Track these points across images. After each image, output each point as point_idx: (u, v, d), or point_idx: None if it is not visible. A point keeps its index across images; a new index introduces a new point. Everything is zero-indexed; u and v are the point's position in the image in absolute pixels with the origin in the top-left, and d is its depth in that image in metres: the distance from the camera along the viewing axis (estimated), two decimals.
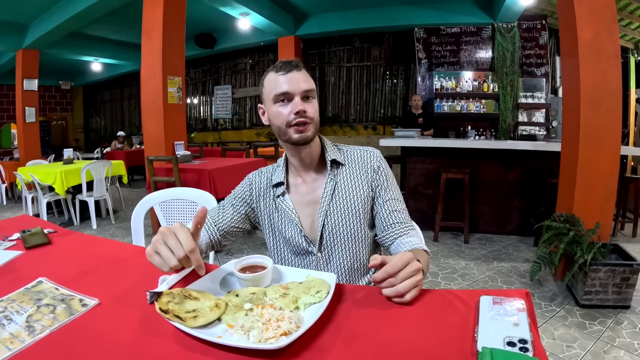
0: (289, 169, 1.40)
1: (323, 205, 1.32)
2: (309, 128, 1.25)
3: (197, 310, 0.82)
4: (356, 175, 1.35)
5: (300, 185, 1.37)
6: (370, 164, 1.36)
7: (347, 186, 1.34)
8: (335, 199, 1.32)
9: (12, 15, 7.66)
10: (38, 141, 9.17)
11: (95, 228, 5.57)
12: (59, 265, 1.25)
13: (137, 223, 1.96)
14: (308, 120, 1.25)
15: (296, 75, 1.24)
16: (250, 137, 10.74)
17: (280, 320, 0.76)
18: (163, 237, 0.92)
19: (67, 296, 0.98)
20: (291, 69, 1.24)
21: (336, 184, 1.34)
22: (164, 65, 4.99)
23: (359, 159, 1.38)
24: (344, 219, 1.31)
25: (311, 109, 1.26)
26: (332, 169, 1.35)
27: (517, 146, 4.63)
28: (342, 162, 1.36)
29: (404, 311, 0.87)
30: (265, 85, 1.29)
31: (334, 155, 1.36)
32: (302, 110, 1.23)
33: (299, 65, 1.27)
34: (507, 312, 0.79)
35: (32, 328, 0.83)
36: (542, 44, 7.35)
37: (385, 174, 1.36)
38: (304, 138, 1.25)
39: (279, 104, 1.25)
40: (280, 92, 1.23)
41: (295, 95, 1.23)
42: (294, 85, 1.23)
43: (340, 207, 1.31)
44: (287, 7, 8.15)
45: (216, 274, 1.06)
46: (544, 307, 3.01)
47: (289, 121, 1.24)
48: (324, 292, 0.88)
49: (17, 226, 1.65)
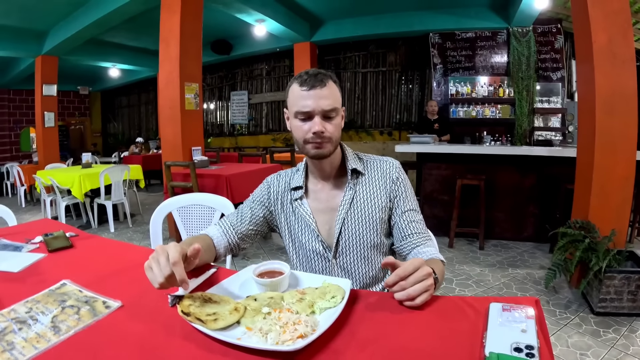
0: (309, 175, 1.42)
1: (341, 213, 1.34)
2: (325, 146, 1.26)
3: (217, 314, 0.85)
4: (375, 185, 1.37)
5: (319, 192, 1.39)
6: (390, 175, 1.38)
7: (366, 195, 1.35)
8: (353, 207, 1.34)
9: (31, 23, 7.85)
10: (57, 145, 9.36)
11: (112, 231, 5.66)
12: (82, 268, 1.30)
13: (155, 227, 2.00)
14: (326, 139, 1.25)
15: (319, 92, 1.22)
16: (266, 143, 10.81)
17: (297, 324, 0.79)
18: (156, 255, 0.95)
19: (91, 298, 1.02)
20: (315, 85, 1.23)
21: (355, 193, 1.35)
22: (181, 72, 5.07)
23: (378, 169, 1.39)
24: (361, 228, 1.33)
25: (331, 127, 1.26)
26: (352, 177, 1.36)
27: (533, 152, 4.60)
28: (362, 172, 1.38)
29: (416, 316, 0.89)
30: (289, 96, 1.30)
31: (355, 165, 1.37)
32: (320, 131, 1.23)
33: (324, 80, 1.24)
34: (515, 319, 0.81)
35: (58, 328, 0.86)
36: (558, 48, 7.28)
37: (404, 185, 1.38)
38: (319, 154, 1.28)
39: (299, 120, 1.26)
40: (301, 110, 1.24)
41: (315, 114, 1.23)
42: (314, 105, 1.22)
43: (358, 216, 1.33)
44: (303, 13, 8.21)
45: (235, 278, 1.10)
46: (558, 314, 2.98)
47: (307, 139, 1.26)
48: (339, 297, 0.91)
49: (39, 229, 1.71)
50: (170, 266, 0.91)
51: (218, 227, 1.40)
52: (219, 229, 1.38)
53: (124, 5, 6.15)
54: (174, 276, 0.91)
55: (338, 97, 1.29)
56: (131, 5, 6.17)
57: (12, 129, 12.96)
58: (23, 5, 6.89)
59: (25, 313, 0.93)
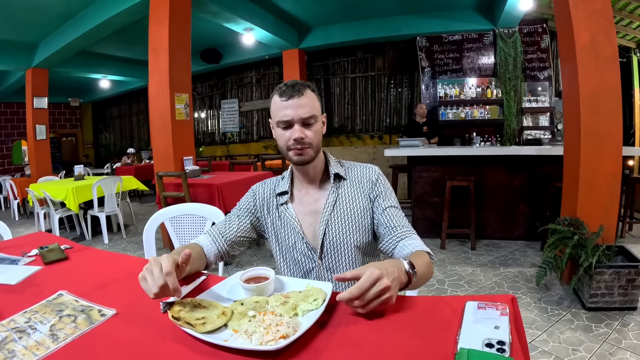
0: (294, 181, 1.50)
1: (324, 215, 1.40)
2: (307, 152, 1.34)
3: (206, 318, 0.90)
4: (357, 189, 1.44)
5: (304, 196, 1.46)
6: (369, 178, 1.45)
7: (348, 198, 1.42)
8: (336, 209, 1.41)
9: (21, 36, 7.86)
10: (49, 158, 9.34)
11: (107, 243, 5.67)
12: (77, 279, 1.33)
13: (149, 238, 2.04)
14: (306, 145, 1.33)
15: (297, 101, 1.31)
16: (258, 150, 10.84)
17: (279, 325, 0.84)
18: (150, 266, 0.99)
19: (87, 307, 1.06)
20: (293, 95, 1.31)
21: (338, 196, 1.42)
22: (170, 82, 5.10)
23: (359, 174, 1.47)
24: (344, 229, 1.39)
25: (311, 133, 1.34)
26: (334, 181, 1.44)
27: (521, 151, 4.67)
28: (344, 177, 1.46)
29: (394, 316, 0.93)
30: (272, 107, 1.38)
31: (337, 170, 1.45)
32: (300, 138, 1.31)
33: (301, 90, 1.32)
34: (490, 316, 0.84)
35: (56, 336, 0.90)
36: (544, 47, 7.40)
37: (383, 185, 1.45)
38: (301, 160, 1.35)
39: (280, 129, 1.35)
40: (281, 120, 1.32)
41: (294, 122, 1.32)
42: (293, 113, 1.31)
43: (341, 218, 1.40)
44: (290, 20, 8.28)
45: (223, 284, 1.15)
46: (550, 311, 3.02)
47: (288, 145, 1.34)
48: (320, 300, 0.96)
49: (34, 243, 1.74)
50: (164, 277, 0.95)
51: (207, 235, 1.45)
52: (208, 238, 1.44)
53: (113, 17, 6.19)
54: (168, 286, 0.95)
55: (317, 105, 1.37)
56: (120, 17, 6.20)
57: (4, 142, 12.92)
58: (13, 18, 6.91)
59: (24, 323, 0.97)
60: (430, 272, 1.24)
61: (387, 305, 0.95)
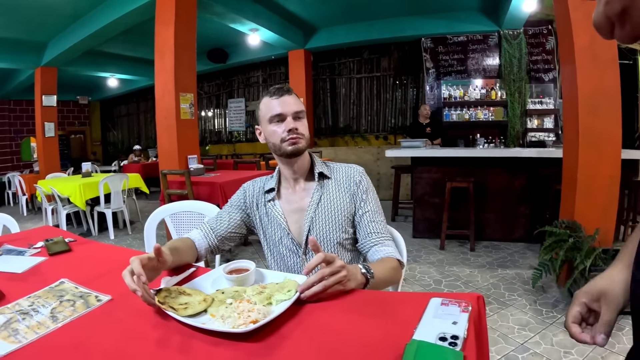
0: (282, 180, 1.58)
1: (309, 212, 1.48)
2: (300, 141, 1.44)
3: (188, 304, 1.00)
4: (340, 188, 1.52)
5: (290, 195, 1.54)
6: (353, 179, 1.53)
7: (331, 197, 1.50)
8: (320, 207, 1.48)
9: (31, 35, 8.00)
10: (57, 155, 9.49)
11: (112, 238, 5.76)
12: (79, 269, 1.41)
13: (149, 233, 2.12)
14: (299, 135, 1.44)
15: (287, 99, 1.44)
16: (264, 149, 10.86)
17: (251, 312, 0.92)
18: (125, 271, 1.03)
19: (85, 293, 1.15)
20: (283, 94, 1.44)
21: (322, 195, 1.50)
22: (176, 82, 5.19)
23: (344, 174, 1.55)
24: (327, 226, 1.47)
25: (302, 126, 1.46)
26: (319, 180, 1.52)
27: (522, 153, 4.68)
28: (328, 176, 1.54)
29: (359, 308, 1.01)
30: (261, 109, 1.48)
31: (322, 169, 1.54)
32: (294, 128, 1.42)
33: (290, 90, 1.47)
34: (450, 312, 0.89)
35: (55, 317, 1.00)
36: (549, 49, 7.38)
37: (365, 187, 1.53)
38: (296, 149, 1.44)
39: (274, 124, 1.45)
40: (275, 113, 1.43)
41: (287, 115, 1.43)
42: (286, 108, 1.43)
43: (325, 215, 1.48)
44: (296, 21, 8.35)
45: (209, 275, 1.24)
46: (545, 313, 3.04)
47: (283, 137, 1.43)
48: (293, 291, 1.04)
49: (41, 236, 1.84)
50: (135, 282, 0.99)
51: (199, 230, 1.54)
52: (200, 232, 1.53)
53: (121, 18, 6.30)
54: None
55: (302, 104, 1.50)
56: (127, 17, 6.31)
57: (13, 139, 13.05)
58: (23, 18, 7.04)
59: (28, 306, 1.06)
60: (394, 277, 1.35)
61: (343, 286, 1.07)
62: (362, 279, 1.16)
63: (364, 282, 1.17)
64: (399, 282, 1.43)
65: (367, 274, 1.18)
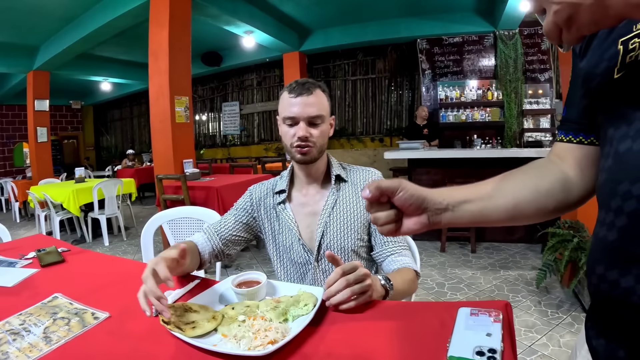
0: (294, 181, 1.48)
1: (323, 217, 1.39)
2: (310, 151, 1.33)
3: (196, 322, 0.90)
4: (357, 192, 1.43)
5: (303, 197, 1.45)
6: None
7: (348, 201, 1.41)
8: (335, 211, 1.39)
9: (22, 39, 7.91)
10: (50, 160, 9.39)
11: (107, 245, 5.67)
12: (73, 282, 1.33)
13: (146, 241, 2.04)
14: (310, 144, 1.32)
15: (305, 99, 1.30)
16: (259, 153, 10.85)
17: (268, 331, 0.84)
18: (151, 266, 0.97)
19: (81, 310, 1.06)
20: (302, 93, 1.31)
21: (338, 198, 1.41)
22: (171, 85, 5.12)
23: (361, 177, 1.46)
24: (342, 232, 1.38)
25: (316, 133, 1.33)
26: (335, 183, 1.42)
27: (521, 154, 4.65)
28: (345, 179, 1.44)
29: (384, 322, 0.93)
30: (280, 103, 1.38)
31: (339, 171, 1.44)
32: (305, 136, 1.30)
33: (311, 89, 1.32)
34: (482, 322, 0.83)
35: (49, 339, 0.91)
36: (545, 49, 7.36)
37: None
38: (303, 160, 1.34)
39: (286, 125, 1.35)
40: (287, 115, 1.32)
41: (300, 120, 1.31)
42: (300, 111, 1.30)
43: (340, 221, 1.38)
44: (291, 23, 8.30)
45: (216, 288, 1.14)
46: (550, 314, 3.00)
47: (292, 143, 1.33)
48: (310, 305, 0.96)
49: (33, 245, 1.75)
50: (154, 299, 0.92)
51: (203, 233, 1.45)
52: (203, 236, 1.44)
53: (114, 20, 6.24)
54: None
55: (325, 105, 1.36)
56: (120, 20, 6.24)
57: (6, 145, 12.96)
58: (14, 22, 6.95)
59: (19, 325, 0.97)
60: (411, 289, 1.26)
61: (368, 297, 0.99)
62: (382, 290, 1.09)
63: (383, 294, 1.10)
64: (411, 294, 1.35)
65: (386, 285, 1.11)
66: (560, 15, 0.51)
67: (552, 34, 0.54)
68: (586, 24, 0.51)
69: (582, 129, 0.76)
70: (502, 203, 0.76)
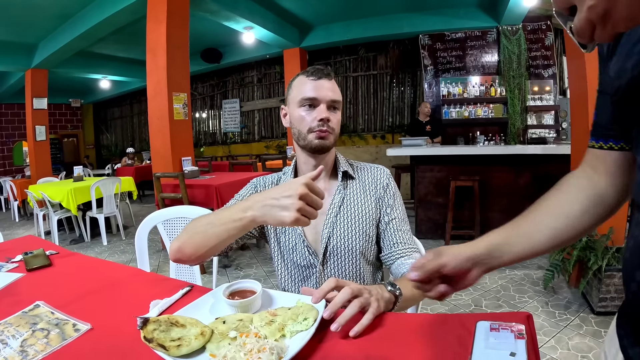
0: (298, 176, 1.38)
1: (330, 216, 1.30)
2: (329, 137, 1.26)
3: (182, 339, 0.80)
4: (365, 190, 1.35)
5: None
6: (380, 181, 1.36)
7: (355, 199, 1.33)
8: (342, 211, 1.31)
9: (20, 37, 7.84)
10: (49, 159, 9.33)
11: (105, 244, 5.61)
12: (57, 288, 1.26)
13: (141, 242, 1.97)
14: (330, 130, 1.26)
15: (326, 83, 1.25)
16: (259, 150, 10.78)
17: (262, 352, 0.74)
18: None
19: (62, 321, 0.99)
20: (322, 76, 1.25)
21: (345, 196, 1.33)
22: (169, 82, 5.04)
23: (369, 175, 1.38)
24: (349, 233, 1.29)
25: (335, 119, 1.28)
26: (342, 180, 1.35)
27: (527, 150, 4.58)
28: (353, 176, 1.36)
29: (394, 340, 0.83)
30: (293, 88, 1.30)
31: (346, 167, 1.36)
32: (327, 119, 1.24)
33: (330, 74, 1.28)
34: (504, 339, 0.75)
35: (26, 353, 0.84)
36: (548, 45, 7.27)
37: (393, 192, 1.36)
38: (322, 145, 1.26)
39: (304, 109, 1.26)
40: (308, 96, 1.24)
41: (322, 102, 1.24)
42: (322, 93, 1.24)
43: (347, 220, 1.30)
44: (291, 19, 8.20)
45: (207, 298, 1.04)
46: (558, 315, 2.93)
47: (311, 127, 1.25)
48: (311, 320, 0.86)
49: (22, 247, 1.68)
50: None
51: None
52: None
53: (111, 16, 6.15)
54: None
55: (340, 94, 1.31)
56: (118, 16, 6.16)
57: (5, 143, 12.92)
58: (11, 19, 6.88)
59: None
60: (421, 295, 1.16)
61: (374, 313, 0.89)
62: (390, 296, 1.00)
63: (393, 301, 1.01)
64: (422, 299, 1.24)
65: (394, 291, 1.02)
66: (595, 11, 0.47)
67: (584, 32, 0.50)
68: (623, 20, 0.47)
69: (612, 135, 0.76)
70: (541, 239, 0.81)
